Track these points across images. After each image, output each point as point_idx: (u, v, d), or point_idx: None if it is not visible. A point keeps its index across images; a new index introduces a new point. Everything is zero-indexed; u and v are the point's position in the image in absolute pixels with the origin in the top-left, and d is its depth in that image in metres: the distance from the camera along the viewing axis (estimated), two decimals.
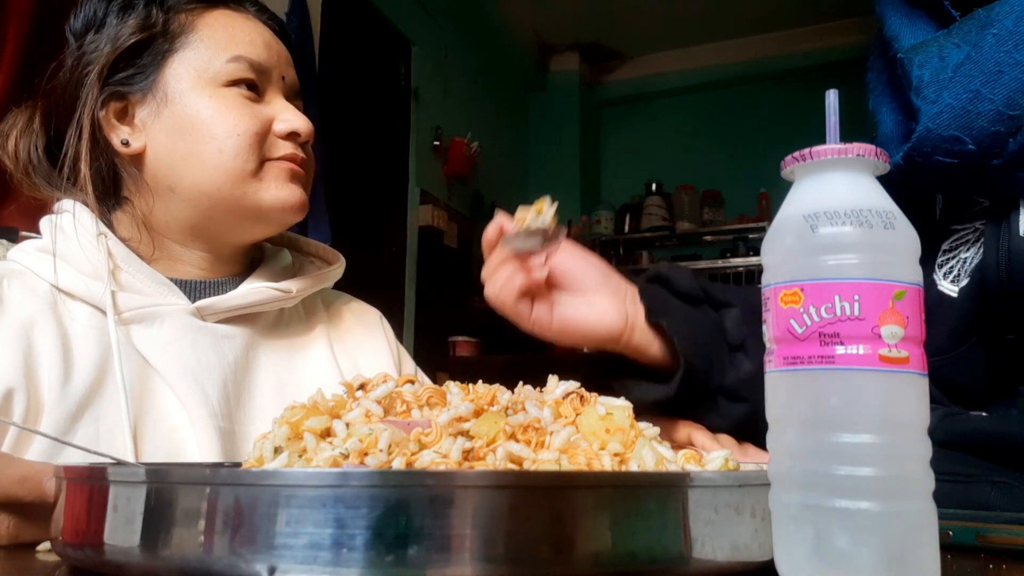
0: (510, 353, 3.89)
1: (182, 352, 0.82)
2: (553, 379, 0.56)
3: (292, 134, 0.87)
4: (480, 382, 0.55)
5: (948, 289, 0.78)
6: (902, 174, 0.76)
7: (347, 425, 0.49)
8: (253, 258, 0.96)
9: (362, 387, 0.55)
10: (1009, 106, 0.69)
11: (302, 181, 0.89)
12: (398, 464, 0.45)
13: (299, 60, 0.95)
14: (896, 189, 0.45)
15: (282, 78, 0.90)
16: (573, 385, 0.55)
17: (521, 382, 0.56)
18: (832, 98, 0.44)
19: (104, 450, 0.73)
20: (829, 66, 4.13)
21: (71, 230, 0.84)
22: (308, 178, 0.90)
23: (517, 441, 0.48)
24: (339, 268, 0.99)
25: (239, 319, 0.89)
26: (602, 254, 4.18)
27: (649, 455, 0.49)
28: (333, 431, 0.49)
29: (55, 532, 0.46)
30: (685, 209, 4.88)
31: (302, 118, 0.88)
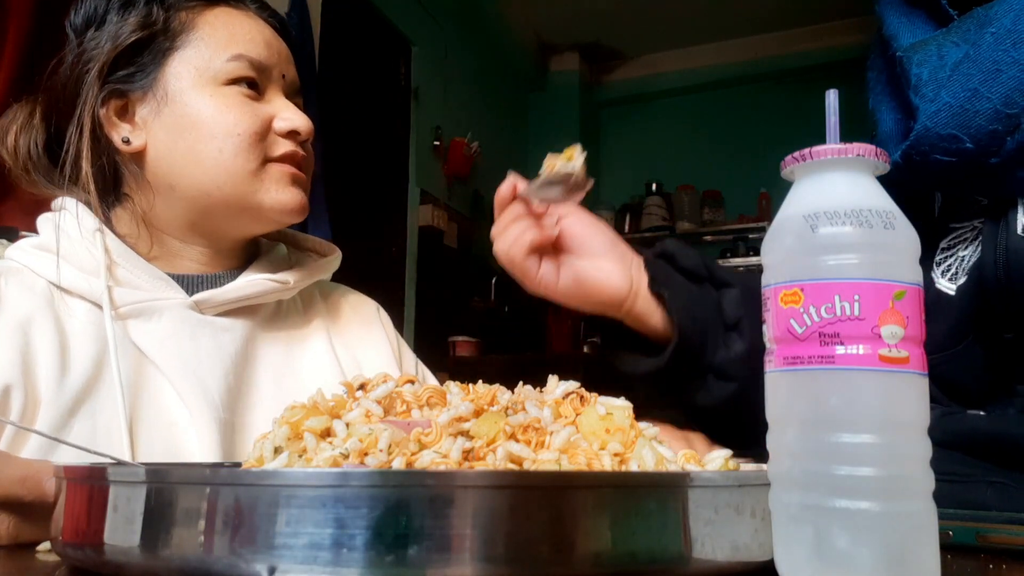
0: (510, 353, 3.89)
1: (180, 345, 0.82)
2: (553, 379, 0.56)
3: (292, 132, 0.87)
4: (480, 382, 0.55)
5: (946, 287, 0.78)
6: (901, 173, 0.76)
7: (347, 425, 0.49)
8: (250, 252, 0.96)
9: (362, 387, 0.55)
10: (1007, 104, 0.69)
11: (302, 184, 0.89)
12: (398, 464, 0.45)
13: (299, 60, 0.95)
14: (896, 188, 0.45)
15: (282, 76, 0.90)
16: (573, 385, 0.55)
17: (521, 382, 0.56)
18: (832, 98, 0.44)
19: (101, 445, 0.73)
20: (829, 66, 4.13)
21: (68, 227, 0.84)
22: (308, 178, 0.91)
23: (517, 441, 0.48)
24: (335, 259, 1.00)
25: (237, 312, 0.89)
26: None
27: (649, 455, 0.49)
28: (333, 431, 0.49)
29: (55, 532, 0.46)
30: (685, 209, 4.88)
31: (302, 116, 0.88)
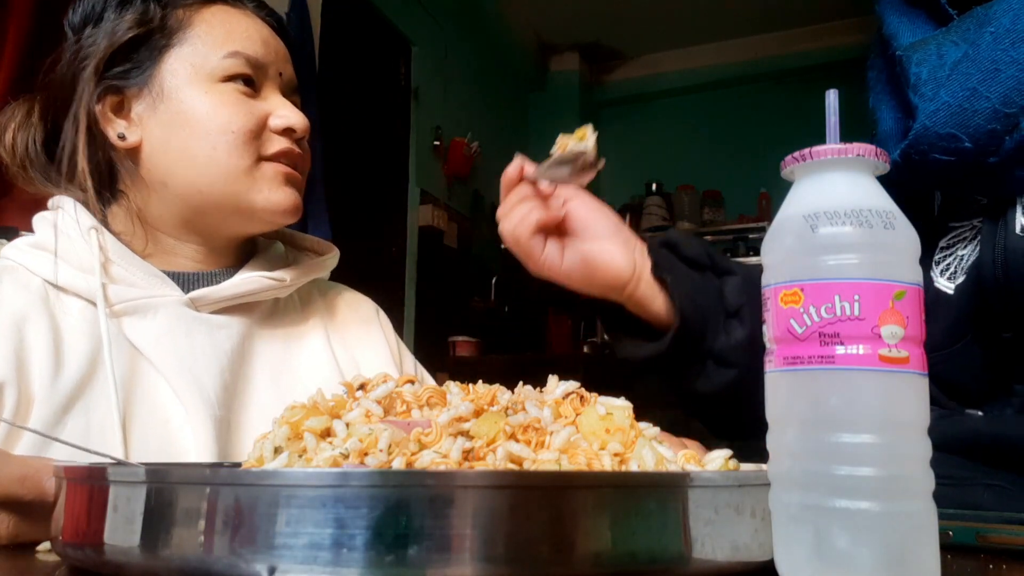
0: (510, 353, 3.89)
1: (176, 342, 0.82)
2: (553, 379, 0.56)
3: (288, 130, 0.87)
4: (480, 382, 0.55)
5: (944, 286, 0.78)
6: (900, 172, 0.76)
7: (347, 425, 0.49)
8: (247, 250, 0.96)
9: (362, 387, 0.55)
10: (1005, 104, 0.69)
11: (296, 183, 0.89)
12: (398, 464, 0.45)
13: (299, 60, 0.95)
14: (895, 188, 0.45)
15: (279, 74, 0.90)
16: (573, 385, 0.55)
17: (521, 382, 0.55)
18: (832, 98, 0.44)
19: (95, 442, 0.73)
20: (829, 66, 4.13)
21: (64, 225, 0.84)
22: (303, 176, 0.91)
23: (517, 441, 0.48)
24: (333, 257, 1.00)
25: (234, 309, 0.89)
26: None
27: (649, 455, 0.49)
28: (333, 431, 0.49)
29: (55, 532, 0.46)
30: (685, 209, 4.88)
31: (298, 114, 0.88)
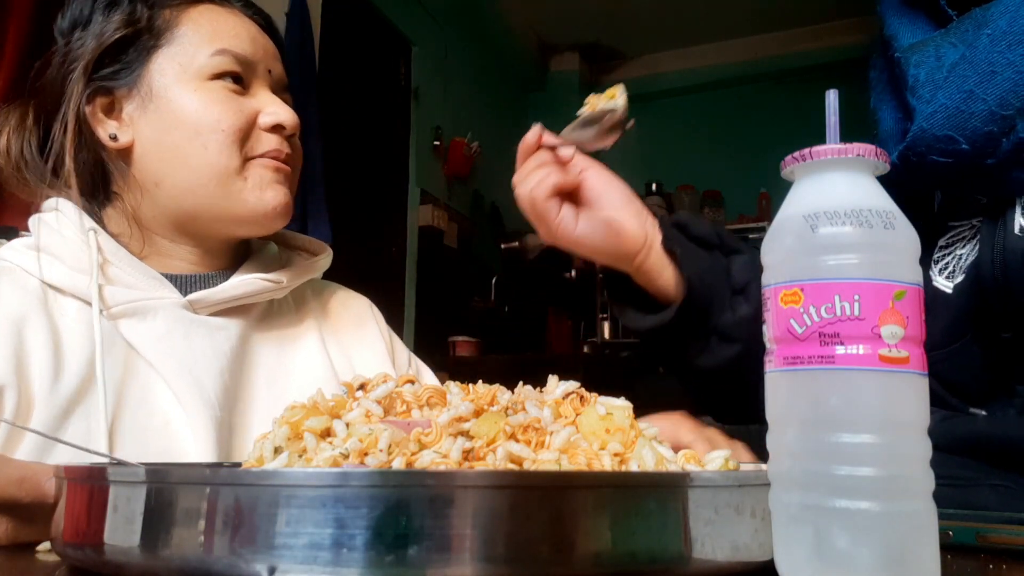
0: (510, 353, 3.89)
1: (175, 345, 0.82)
2: (553, 379, 0.56)
3: (277, 127, 0.87)
4: (480, 382, 0.55)
5: (943, 285, 0.78)
6: (899, 173, 0.76)
7: (347, 425, 0.49)
8: (241, 252, 0.96)
9: (362, 387, 0.55)
10: (1002, 106, 0.69)
11: (287, 179, 0.89)
12: (398, 464, 0.45)
13: (299, 60, 0.95)
14: (895, 188, 0.45)
15: (268, 72, 0.90)
16: (573, 385, 0.55)
17: (521, 382, 0.55)
18: (832, 98, 0.44)
19: (97, 445, 0.73)
20: (829, 66, 4.12)
21: (59, 226, 0.84)
22: (294, 173, 0.91)
23: (517, 441, 0.48)
24: (326, 257, 1.00)
25: (231, 311, 0.89)
26: None
27: (649, 455, 0.49)
28: (333, 431, 0.49)
29: (55, 532, 0.46)
30: (685, 209, 4.88)
31: (287, 110, 0.88)
